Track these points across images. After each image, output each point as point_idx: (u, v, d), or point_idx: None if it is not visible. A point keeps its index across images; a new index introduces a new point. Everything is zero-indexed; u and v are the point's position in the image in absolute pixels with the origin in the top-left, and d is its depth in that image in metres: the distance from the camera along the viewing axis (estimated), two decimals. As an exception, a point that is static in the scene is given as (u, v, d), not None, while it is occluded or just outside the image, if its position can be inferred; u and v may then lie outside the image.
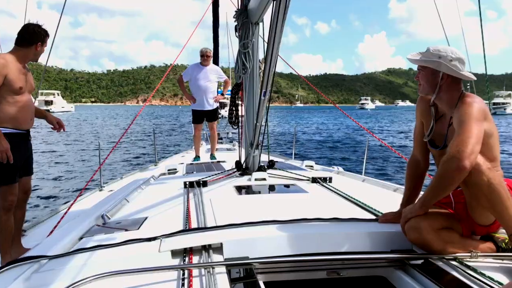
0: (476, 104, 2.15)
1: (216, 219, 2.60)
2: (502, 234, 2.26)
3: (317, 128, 38.95)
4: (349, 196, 3.28)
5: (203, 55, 6.80)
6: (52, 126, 4.04)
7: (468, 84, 3.18)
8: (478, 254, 2.11)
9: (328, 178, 3.98)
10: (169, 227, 2.35)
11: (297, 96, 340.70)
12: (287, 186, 3.84)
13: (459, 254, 2.12)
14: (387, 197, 3.40)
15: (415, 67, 2.43)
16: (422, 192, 2.42)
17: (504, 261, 2.09)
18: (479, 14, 3.13)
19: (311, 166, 5.44)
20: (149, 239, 2.15)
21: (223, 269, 1.91)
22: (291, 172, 4.39)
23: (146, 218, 2.71)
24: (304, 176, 4.18)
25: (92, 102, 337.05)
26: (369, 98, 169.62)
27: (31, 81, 3.75)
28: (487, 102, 2.89)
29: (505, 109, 73.48)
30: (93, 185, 7.53)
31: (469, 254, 2.11)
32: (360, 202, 3.07)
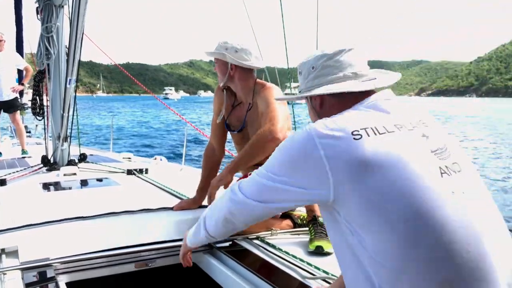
0: (276, 89, 2.49)
1: (14, 221, 2.33)
2: (298, 211, 2.59)
3: (133, 119, 37.48)
4: (163, 186, 3.34)
5: None
6: None
7: (262, 74, 3.53)
8: (278, 231, 2.39)
9: (144, 169, 3.98)
10: None
11: (98, 85, 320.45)
12: (99, 180, 3.71)
13: (261, 233, 2.36)
14: None
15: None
16: None
17: (300, 235, 2.41)
18: (281, 13, 3.45)
19: (129, 158, 5.32)
20: None
21: (18, 274, 1.77)
22: (105, 165, 4.24)
23: None
24: (119, 168, 4.09)
25: None
26: (173, 88, 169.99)
27: None
28: (284, 93, 3.31)
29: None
30: None
31: (270, 232, 2.38)
32: (174, 191, 3.14)
